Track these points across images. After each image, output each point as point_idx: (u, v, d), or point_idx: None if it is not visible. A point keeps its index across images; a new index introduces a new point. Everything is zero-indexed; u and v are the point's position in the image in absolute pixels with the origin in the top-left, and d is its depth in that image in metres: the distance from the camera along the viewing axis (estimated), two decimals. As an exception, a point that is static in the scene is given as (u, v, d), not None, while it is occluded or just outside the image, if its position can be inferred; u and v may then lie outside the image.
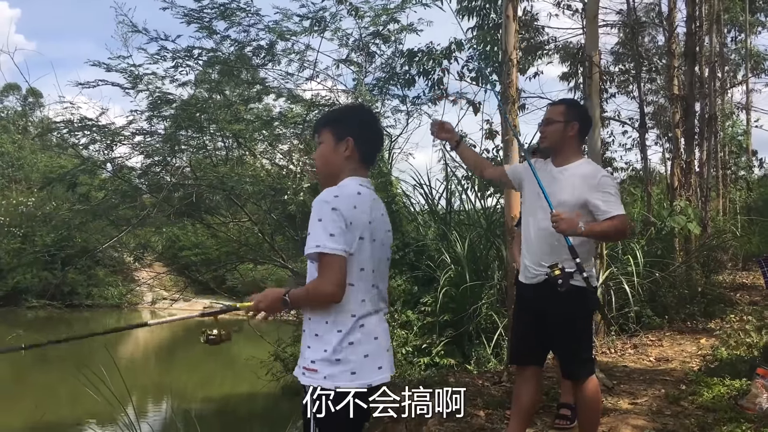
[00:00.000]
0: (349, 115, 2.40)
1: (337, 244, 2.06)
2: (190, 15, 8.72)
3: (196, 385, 14.19)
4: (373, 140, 2.34)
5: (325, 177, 2.30)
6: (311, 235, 2.08)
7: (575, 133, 3.17)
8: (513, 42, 6.65)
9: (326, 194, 2.13)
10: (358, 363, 2.11)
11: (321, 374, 2.09)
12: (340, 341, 2.10)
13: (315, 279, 2.12)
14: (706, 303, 8.30)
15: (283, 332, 10.40)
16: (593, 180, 3.03)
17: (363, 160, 2.27)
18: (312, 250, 2.07)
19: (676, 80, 10.95)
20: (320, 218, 2.08)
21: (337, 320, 2.12)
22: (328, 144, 2.26)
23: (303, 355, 2.18)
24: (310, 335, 2.16)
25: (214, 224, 12.21)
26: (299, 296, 2.16)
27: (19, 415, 11.11)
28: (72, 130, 9.55)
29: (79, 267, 25.03)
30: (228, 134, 9.71)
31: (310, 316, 2.16)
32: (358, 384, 2.10)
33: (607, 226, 2.98)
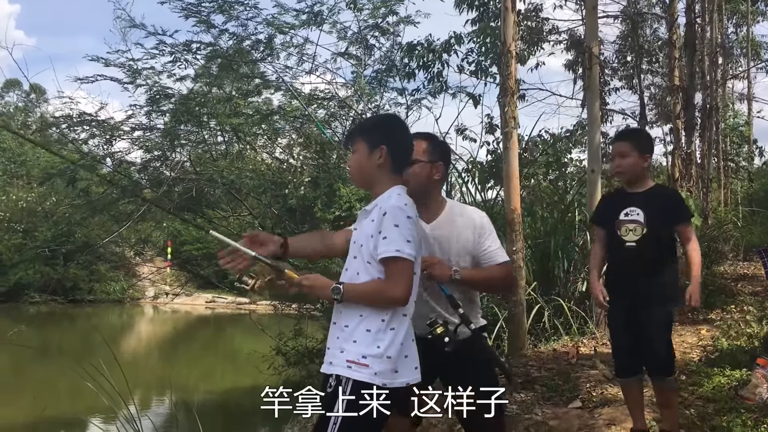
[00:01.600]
0: (382, 124, 2.50)
1: (412, 251, 2.16)
2: (189, 9, 8.71)
3: (198, 379, 14.23)
4: (405, 148, 2.42)
5: (361, 185, 2.47)
6: (388, 240, 2.15)
7: (441, 175, 2.79)
8: (512, 34, 6.63)
9: (398, 201, 2.23)
10: (401, 362, 2.19)
11: (372, 370, 2.14)
12: (392, 339, 2.18)
13: (384, 281, 2.18)
14: (707, 294, 8.27)
15: (284, 326, 10.43)
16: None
17: (395, 167, 2.36)
18: (391, 254, 2.14)
19: (677, 71, 10.93)
20: (397, 224, 2.16)
21: (393, 319, 2.20)
22: (362, 153, 2.35)
23: (345, 349, 2.20)
24: (359, 330, 2.20)
25: (214, 219, 12.21)
26: (361, 292, 2.22)
27: (20, 409, 11.15)
28: (71, 125, 9.55)
29: (81, 262, 25.11)
30: (227, 128, 9.71)
31: (363, 312, 2.20)
32: (399, 382, 2.18)
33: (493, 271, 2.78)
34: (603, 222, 3.55)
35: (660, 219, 3.35)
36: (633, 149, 3.40)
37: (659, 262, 3.36)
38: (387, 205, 2.21)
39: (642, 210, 3.37)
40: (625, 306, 3.45)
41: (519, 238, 6.22)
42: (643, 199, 3.40)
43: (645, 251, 3.34)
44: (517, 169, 6.44)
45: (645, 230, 3.34)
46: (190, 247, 24.18)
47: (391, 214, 2.18)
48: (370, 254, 2.20)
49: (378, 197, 2.31)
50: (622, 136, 3.79)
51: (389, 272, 2.17)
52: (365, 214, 2.33)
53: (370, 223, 2.24)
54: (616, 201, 3.54)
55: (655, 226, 3.34)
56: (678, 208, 3.44)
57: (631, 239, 3.37)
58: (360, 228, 2.32)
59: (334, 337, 2.27)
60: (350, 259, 2.32)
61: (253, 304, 18.51)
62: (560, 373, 5.22)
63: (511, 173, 6.32)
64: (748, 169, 19.91)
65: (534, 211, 9.02)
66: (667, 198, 3.48)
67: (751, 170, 20.14)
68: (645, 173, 3.48)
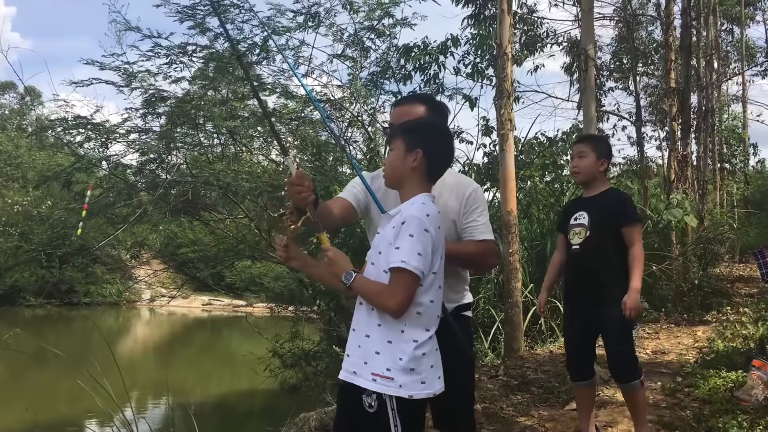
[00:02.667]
0: (423, 128, 2.43)
1: (419, 264, 2.11)
2: (184, 12, 8.68)
3: (195, 381, 14.22)
4: (442, 158, 2.38)
5: (391, 184, 2.38)
6: (400, 250, 2.11)
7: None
8: (508, 35, 6.65)
9: (420, 211, 2.18)
10: (426, 373, 2.16)
11: (397, 382, 2.10)
12: (414, 351, 2.14)
13: (387, 287, 2.15)
14: (703, 295, 8.32)
15: (281, 328, 10.43)
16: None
17: (428, 174, 2.31)
18: (396, 264, 2.10)
19: (673, 73, 10.95)
20: (412, 234, 2.12)
21: (412, 331, 2.16)
22: (398, 152, 2.31)
23: (370, 360, 2.16)
24: (380, 340, 2.16)
25: (211, 221, 12.20)
26: (365, 289, 2.20)
27: (16, 413, 11.11)
28: (67, 128, 9.51)
29: (77, 265, 25.06)
30: (223, 131, 9.69)
31: (381, 322, 2.17)
32: (426, 393, 2.15)
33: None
34: (560, 228, 3.63)
35: (602, 221, 3.38)
36: (591, 151, 3.48)
37: (604, 265, 3.34)
38: (407, 214, 2.17)
39: (587, 213, 3.44)
40: (575, 309, 3.51)
41: (515, 239, 6.24)
42: (591, 203, 3.48)
43: (587, 254, 3.38)
44: (513, 171, 6.45)
45: (588, 233, 3.40)
46: (186, 250, 24.12)
47: (409, 224, 2.14)
48: (387, 262, 2.17)
49: (403, 203, 2.28)
50: (581, 139, 3.96)
51: (392, 280, 2.13)
52: (388, 218, 2.29)
53: (390, 230, 2.21)
54: (572, 207, 3.66)
55: (596, 228, 3.38)
56: (623, 210, 3.41)
57: (576, 242, 3.44)
58: (383, 233, 2.28)
59: (355, 345, 2.23)
60: (368, 265, 2.28)
61: (249, 307, 18.49)
62: (556, 375, 5.23)
63: (507, 175, 6.34)
64: (744, 171, 19.96)
65: (530, 213, 9.04)
66: (614, 200, 3.47)
67: (747, 172, 20.19)
68: (601, 177, 3.51)
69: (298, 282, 10.11)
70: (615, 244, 3.36)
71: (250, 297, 23.94)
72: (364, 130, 10.37)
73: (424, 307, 2.17)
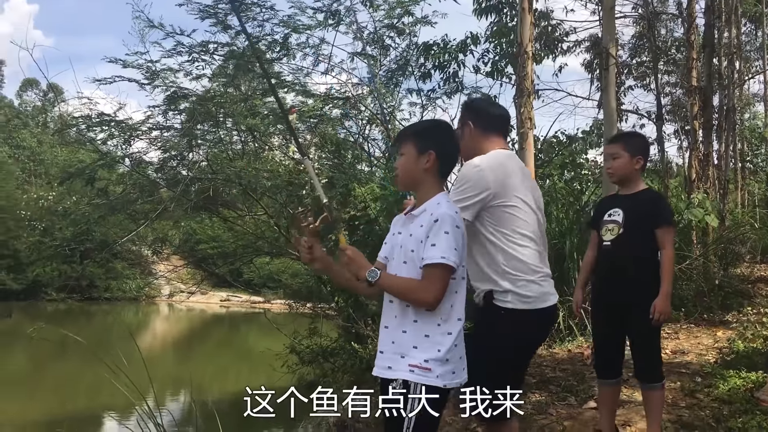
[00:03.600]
0: (433, 129, 2.51)
1: (457, 258, 2.21)
2: (206, 11, 8.77)
3: (213, 376, 14.33)
4: (453, 156, 2.46)
5: (405, 187, 2.49)
6: (437, 246, 2.20)
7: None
8: (528, 35, 6.65)
9: (449, 208, 2.28)
10: (456, 363, 2.27)
11: (434, 373, 2.21)
12: (451, 343, 2.24)
13: (420, 282, 2.23)
14: (723, 296, 8.24)
15: (299, 325, 10.49)
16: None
17: (440, 174, 2.39)
18: (436, 260, 2.19)
19: (695, 72, 10.86)
20: (447, 231, 2.22)
21: (447, 323, 2.25)
22: (410, 156, 2.37)
23: (407, 354, 2.25)
24: (417, 335, 2.25)
25: (230, 218, 12.29)
26: (395, 285, 2.28)
27: (41, 403, 11.29)
28: (90, 125, 9.65)
29: (98, 260, 25.38)
30: (243, 128, 9.77)
31: (417, 318, 2.25)
32: (456, 383, 2.26)
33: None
34: (593, 224, 3.60)
35: (637, 220, 3.36)
36: (624, 151, 3.44)
37: (634, 263, 3.33)
38: (439, 212, 2.25)
39: (623, 211, 3.41)
40: (603, 306, 3.48)
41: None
42: (627, 201, 3.44)
43: (618, 250, 3.36)
44: (533, 169, 6.45)
45: (621, 230, 3.37)
46: (205, 246, 24.34)
47: (443, 221, 2.22)
48: (420, 258, 2.24)
49: (425, 202, 2.34)
50: (614, 139, 3.85)
51: (428, 275, 2.21)
52: (411, 218, 2.35)
53: (419, 228, 2.27)
54: (606, 203, 3.62)
55: (630, 226, 3.36)
56: (658, 211, 3.41)
57: (607, 238, 3.42)
58: (406, 232, 2.34)
59: (389, 342, 2.31)
60: (398, 264, 2.33)
61: (267, 303, 18.60)
62: (575, 373, 5.23)
63: (526, 174, 6.33)
64: (766, 171, 19.71)
65: (549, 211, 9.01)
66: (650, 200, 3.46)
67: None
68: (637, 175, 3.47)
69: (316, 279, 10.17)
70: (647, 244, 3.34)
71: (268, 293, 24.10)
72: (383, 128, 10.41)
73: (456, 299, 2.27)
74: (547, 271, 2.80)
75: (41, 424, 9.74)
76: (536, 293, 2.71)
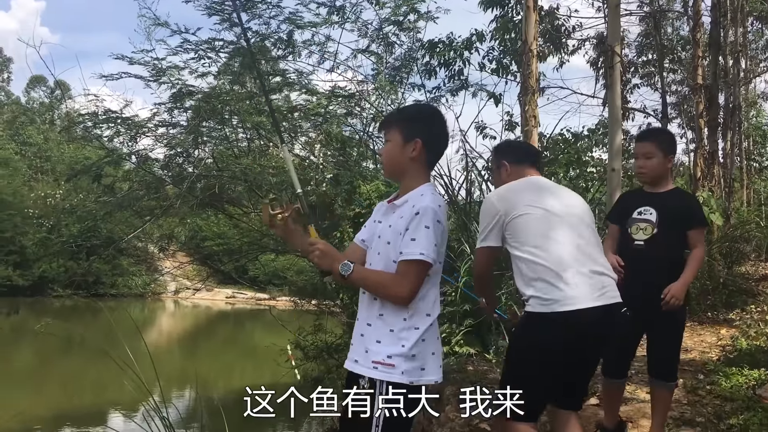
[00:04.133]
0: (420, 116, 2.38)
1: (435, 255, 2.13)
2: (212, 7, 8.79)
3: (218, 373, 14.41)
4: (441, 145, 2.36)
5: (390, 175, 2.38)
6: (417, 241, 2.11)
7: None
8: (533, 32, 6.68)
9: (433, 201, 2.17)
10: (426, 359, 2.16)
11: (398, 369, 2.12)
12: (417, 338, 2.14)
13: (395, 277, 2.14)
14: (728, 294, 8.25)
15: (304, 321, 10.53)
16: None
17: (427, 163, 2.30)
18: (414, 257, 2.10)
19: (700, 70, 10.86)
20: (427, 225, 2.12)
21: (414, 318, 2.16)
22: (396, 143, 2.27)
23: (371, 349, 2.17)
24: (381, 329, 2.17)
25: (235, 215, 12.33)
26: (368, 279, 2.19)
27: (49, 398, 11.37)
28: (97, 122, 9.69)
29: (104, 257, 25.49)
30: (249, 125, 9.80)
31: (383, 312, 2.17)
32: (426, 380, 2.16)
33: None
34: (617, 220, 3.49)
35: (671, 221, 3.29)
36: (658, 150, 3.34)
37: (666, 264, 3.27)
38: (421, 205, 2.14)
39: (656, 210, 3.31)
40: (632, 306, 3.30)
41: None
42: (659, 200, 3.34)
43: (651, 251, 3.27)
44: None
45: (655, 230, 3.29)
46: (210, 243, 24.41)
47: (424, 214, 2.12)
48: (397, 252, 2.15)
49: (409, 192, 2.24)
50: (646, 137, 3.60)
51: (404, 270, 2.12)
52: (393, 208, 2.26)
53: (398, 220, 2.18)
54: (634, 200, 3.49)
55: (664, 227, 3.28)
56: (693, 213, 3.36)
57: (640, 238, 3.31)
58: (386, 222, 2.26)
59: (358, 334, 2.24)
60: (373, 254, 2.26)
61: (273, 300, 18.66)
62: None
63: (530, 172, 6.35)
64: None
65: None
66: (684, 201, 3.41)
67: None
68: (668, 174, 3.41)
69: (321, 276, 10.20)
70: (680, 245, 3.30)
71: (273, 290, 24.17)
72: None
73: (426, 294, 2.17)
74: (582, 270, 2.66)
75: (49, 418, 9.83)
76: (557, 296, 2.60)
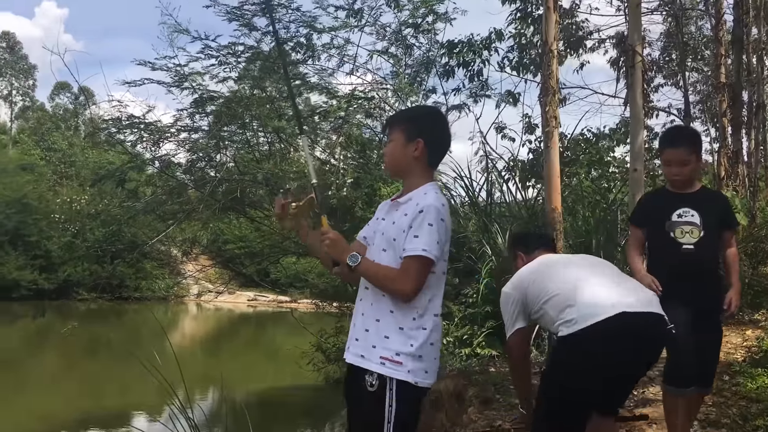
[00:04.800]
0: (423, 116, 2.42)
1: (438, 253, 2.15)
2: (232, 13, 8.88)
3: (241, 375, 14.50)
4: (443, 145, 2.38)
5: (393, 174, 2.42)
6: (420, 238, 2.13)
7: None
8: (553, 33, 6.65)
9: (436, 200, 2.19)
10: (430, 362, 2.18)
11: (405, 368, 2.13)
12: (425, 339, 2.16)
13: (399, 271, 2.16)
14: (753, 294, 8.13)
15: (325, 323, 10.58)
16: None
17: (430, 163, 2.31)
18: (417, 252, 2.13)
19: (723, 68, 10.74)
20: (431, 223, 2.14)
21: (423, 318, 2.18)
22: (398, 142, 2.29)
23: (378, 344, 2.18)
24: (392, 327, 2.17)
25: (257, 218, 12.42)
26: (374, 272, 2.21)
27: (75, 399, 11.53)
28: (120, 128, 9.82)
29: (128, 261, 25.79)
30: (269, 129, 9.87)
31: (393, 308, 2.18)
32: (427, 383, 2.18)
33: None
34: (646, 222, 3.36)
35: (713, 222, 3.22)
36: (691, 154, 3.27)
37: (713, 267, 3.25)
38: (425, 203, 2.17)
39: (696, 212, 3.21)
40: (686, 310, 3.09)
41: (559, 237, 6.25)
42: (696, 201, 3.24)
43: (703, 254, 3.18)
44: (558, 168, 6.45)
45: (702, 233, 3.18)
46: (232, 246, 24.56)
47: (427, 212, 2.15)
48: (402, 248, 2.17)
49: (412, 191, 2.26)
50: (680, 142, 3.35)
51: (408, 266, 2.15)
52: (396, 206, 2.27)
53: (402, 217, 2.20)
54: (665, 201, 3.33)
55: (708, 228, 3.19)
56: (730, 213, 3.37)
57: (688, 242, 3.18)
58: (389, 219, 2.27)
59: (363, 329, 2.24)
60: (378, 251, 2.26)
61: (294, 303, 18.75)
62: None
63: (551, 172, 6.35)
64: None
65: (576, 210, 8.99)
66: (719, 202, 3.39)
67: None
68: (699, 175, 3.45)
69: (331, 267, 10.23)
70: (720, 246, 3.29)
71: (294, 293, 24.27)
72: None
73: (434, 294, 2.21)
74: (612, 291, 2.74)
75: (75, 420, 9.97)
76: (575, 315, 2.66)
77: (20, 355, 17.79)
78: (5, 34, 52.63)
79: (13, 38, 52.79)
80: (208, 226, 13.76)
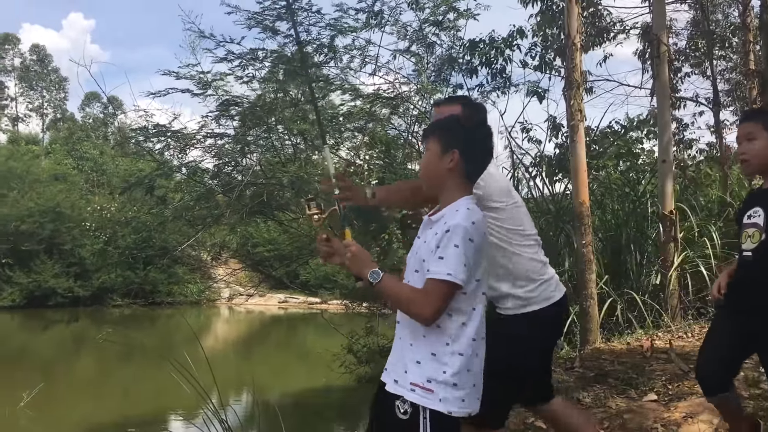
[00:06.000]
0: (459, 126, 2.25)
1: (464, 276, 2.00)
2: (253, 18, 8.93)
3: (273, 377, 14.60)
4: (480, 158, 2.22)
5: (428, 187, 2.23)
6: (445, 260, 1.99)
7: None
8: (576, 25, 6.58)
9: (466, 218, 2.04)
10: (467, 391, 2.05)
11: (437, 396, 2.00)
12: (460, 366, 2.03)
13: (420, 294, 2.03)
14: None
15: (355, 324, 10.61)
16: None
17: (467, 176, 2.17)
18: (441, 277, 1.99)
19: (752, 55, 10.54)
20: (457, 244, 2.00)
21: (457, 343, 2.04)
22: (434, 153, 2.16)
23: (409, 369, 2.06)
24: (424, 352, 2.05)
25: (285, 221, 12.50)
26: (395, 291, 2.11)
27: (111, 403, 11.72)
28: (147, 136, 9.95)
29: (160, 266, 26.17)
30: (294, 132, 9.92)
31: (426, 333, 2.05)
32: (464, 412, 2.05)
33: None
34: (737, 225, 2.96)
35: None
36: (763, 130, 2.75)
37: None
38: (452, 222, 2.03)
39: (764, 210, 2.72)
40: (731, 316, 2.87)
41: (588, 231, 6.18)
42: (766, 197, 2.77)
43: (760, 261, 2.70)
44: (584, 161, 6.39)
45: (763, 236, 2.69)
46: (261, 249, 24.78)
47: (454, 233, 2.00)
48: (427, 270, 2.05)
49: (446, 207, 2.14)
50: (748, 116, 3.04)
51: (430, 289, 2.01)
52: (430, 224, 2.15)
53: (433, 236, 2.07)
54: (746, 201, 3.02)
55: None
56: None
57: (747, 248, 2.75)
58: (423, 238, 2.16)
59: (397, 350, 2.15)
60: (411, 272, 2.15)
61: (324, 304, 18.83)
62: (634, 366, 5.16)
63: (578, 166, 6.29)
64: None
65: (604, 203, 8.89)
66: None
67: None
68: None
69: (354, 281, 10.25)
70: None
71: (324, 294, 24.40)
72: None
73: (468, 317, 2.06)
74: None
75: (111, 425, 10.13)
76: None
77: (57, 360, 18.15)
78: (35, 47, 53.74)
79: (44, 51, 53.82)
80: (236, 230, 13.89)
